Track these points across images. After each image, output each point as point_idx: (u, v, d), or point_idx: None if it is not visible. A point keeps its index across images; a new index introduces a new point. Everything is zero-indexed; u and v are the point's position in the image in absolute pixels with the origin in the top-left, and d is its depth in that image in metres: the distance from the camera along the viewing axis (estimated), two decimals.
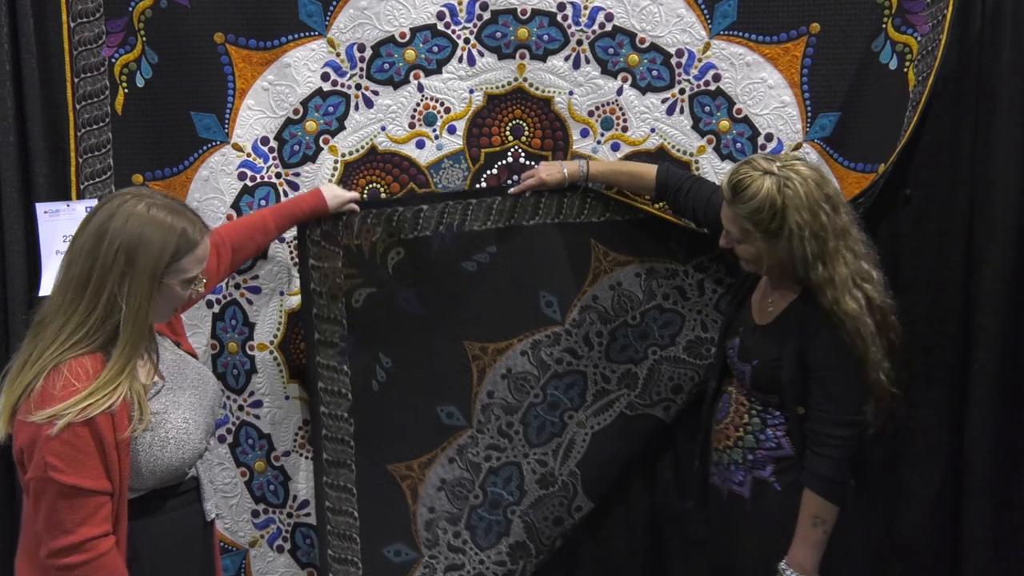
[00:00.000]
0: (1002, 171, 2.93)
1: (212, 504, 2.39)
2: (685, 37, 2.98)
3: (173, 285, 2.16)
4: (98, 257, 2.09)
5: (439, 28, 2.96)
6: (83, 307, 2.09)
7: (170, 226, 2.13)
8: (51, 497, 2.04)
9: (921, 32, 2.92)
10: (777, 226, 2.40)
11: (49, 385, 2.04)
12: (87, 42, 2.90)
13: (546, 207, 3.00)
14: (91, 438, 2.04)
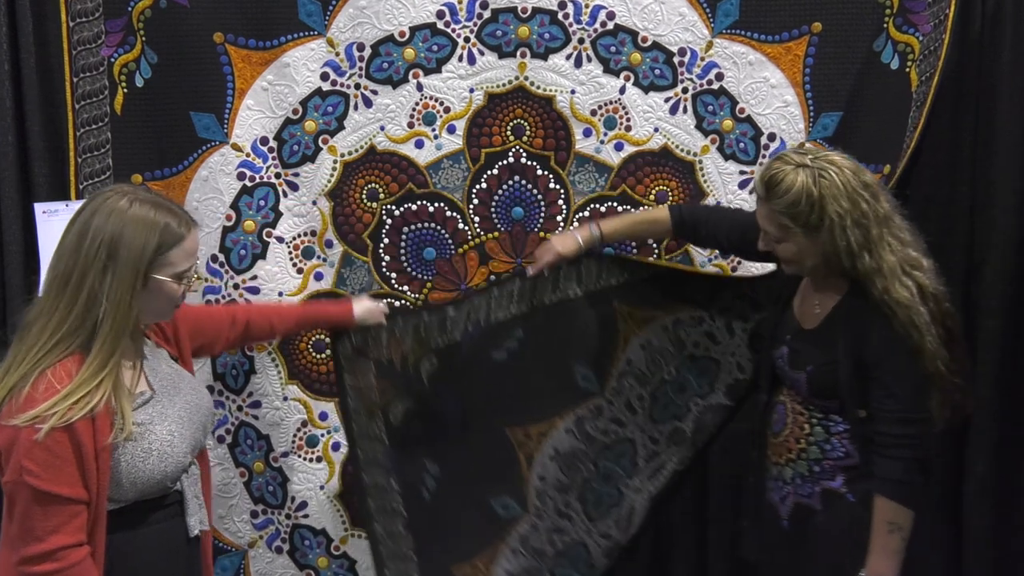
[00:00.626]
0: (1002, 171, 2.95)
1: (197, 519, 2.33)
2: (687, 36, 2.99)
3: (164, 280, 2.15)
4: (80, 254, 2.09)
5: (439, 27, 2.97)
6: (64, 304, 2.09)
7: (152, 220, 2.13)
8: (24, 502, 2.02)
9: (923, 32, 2.94)
10: (817, 218, 2.37)
11: (32, 389, 2.03)
12: (86, 42, 2.91)
13: (565, 279, 2.99)
14: (69, 444, 2.01)
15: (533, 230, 3.08)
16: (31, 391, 2.03)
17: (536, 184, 3.07)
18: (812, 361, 2.50)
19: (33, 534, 2.02)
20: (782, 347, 2.62)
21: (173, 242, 2.15)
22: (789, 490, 2.60)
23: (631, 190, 3.07)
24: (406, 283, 3.09)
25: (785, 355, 2.60)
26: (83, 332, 2.08)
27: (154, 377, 2.27)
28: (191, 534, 2.32)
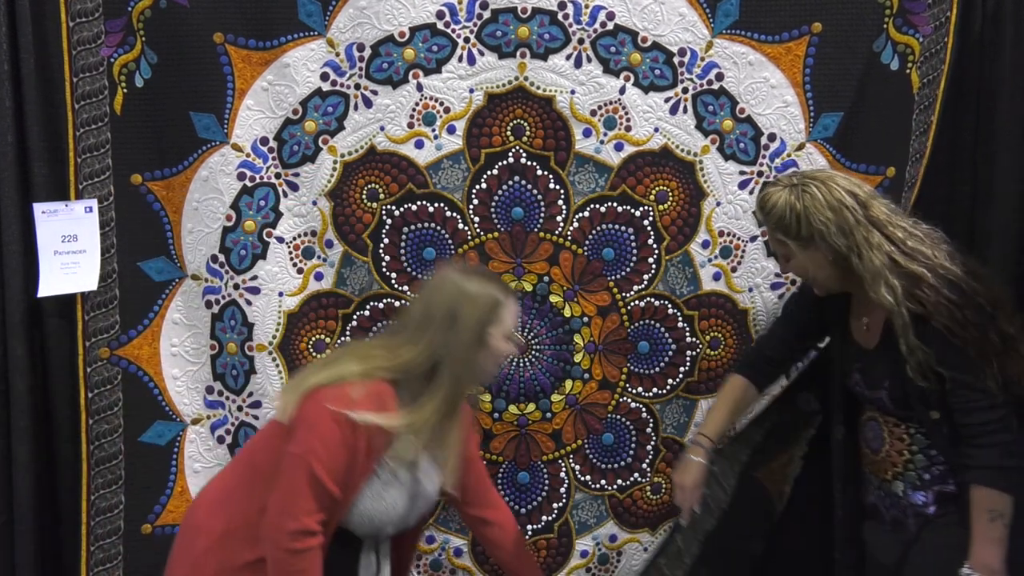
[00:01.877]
0: (1002, 171, 3.01)
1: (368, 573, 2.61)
2: (687, 36, 3.04)
3: (496, 338, 2.50)
4: (430, 311, 2.49)
5: (439, 27, 3.01)
6: (410, 345, 2.48)
7: (487, 285, 2.54)
8: (298, 479, 2.34)
9: (923, 34, 3.00)
10: (806, 231, 2.50)
11: (353, 389, 2.39)
12: (86, 42, 2.95)
13: (712, 498, 3.03)
14: (356, 446, 2.36)
15: (533, 230, 3.12)
16: (353, 390, 2.39)
17: (536, 184, 3.11)
18: (886, 377, 2.55)
19: (292, 510, 2.33)
20: (855, 374, 2.67)
21: (504, 305, 2.52)
22: (905, 503, 2.62)
23: (631, 190, 3.11)
24: (406, 283, 3.13)
25: (860, 380, 2.66)
26: (414, 373, 2.46)
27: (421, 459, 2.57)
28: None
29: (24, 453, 3.05)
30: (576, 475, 3.23)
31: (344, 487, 2.37)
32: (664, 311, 3.19)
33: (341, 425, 2.34)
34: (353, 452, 2.36)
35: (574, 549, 3.27)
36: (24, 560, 3.07)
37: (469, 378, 2.55)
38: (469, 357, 2.47)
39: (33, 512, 3.07)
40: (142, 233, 3.10)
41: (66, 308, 3.07)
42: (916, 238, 2.49)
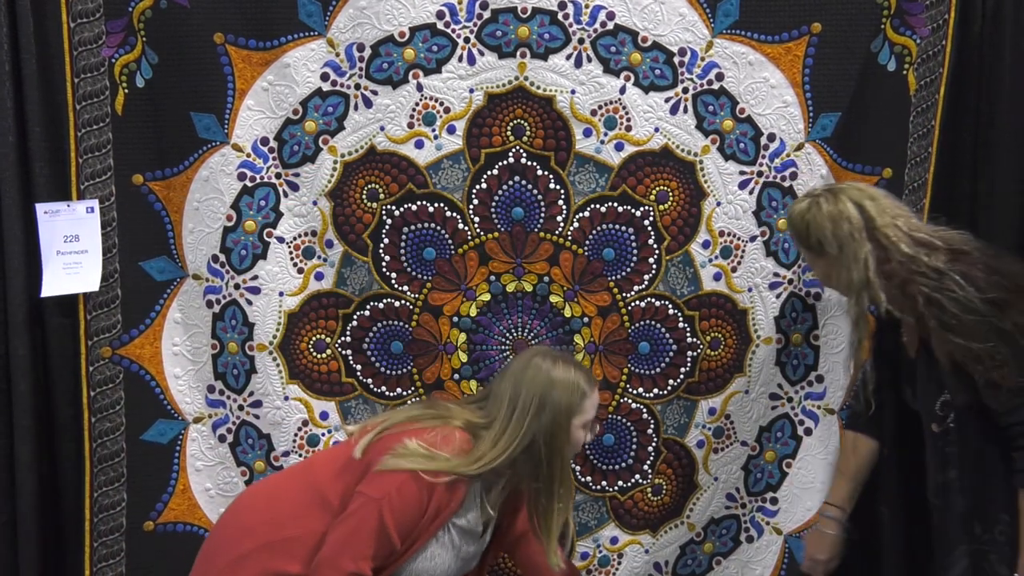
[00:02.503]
0: (1003, 171, 3.03)
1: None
2: (687, 36, 3.06)
3: (578, 426, 2.60)
4: (519, 396, 2.58)
5: (439, 27, 3.03)
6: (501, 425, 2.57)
7: (575, 375, 2.63)
8: (367, 521, 2.40)
9: (920, 35, 3.02)
10: (814, 240, 2.63)
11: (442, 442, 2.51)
12: (87, 42, 2.98)
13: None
14: (428, 501, 2.44)
15: (533, 230, 3.14)
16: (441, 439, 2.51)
17: (536, 184, 3.13)
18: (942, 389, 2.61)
19: (353, 551, 2.39)
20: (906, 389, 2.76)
21: (588, 396, 2.62)
22: None
23: (631, 190, 3.13)
24: (406, 283, 3.15)
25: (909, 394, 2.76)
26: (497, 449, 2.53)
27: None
28: None
29: (26, 452, 3.07)
30: (576, 476, 3.24)
31: (406, 542, 2.45)
32: (665, 311, 3.20)
33: (419, 481, 2.42)
34: (423, 510, 2.44)
35: (574, 551, 3.28)
36: (27, 557, 3.11)
37: (548, 463, 2.58)
38: (549, 445, 2.55)
39: (36, 510, 3.10)
40: (143, 233, 3.12)
41: (68, 308, 3.09)
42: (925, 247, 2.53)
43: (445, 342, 3.18)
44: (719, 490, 3.30)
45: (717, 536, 3.33)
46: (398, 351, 3.19)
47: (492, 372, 3.18)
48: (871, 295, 2.57)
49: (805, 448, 3.28)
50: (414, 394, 3.20)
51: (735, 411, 3.26)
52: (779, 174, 3.13)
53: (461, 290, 3.16)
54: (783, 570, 3.33)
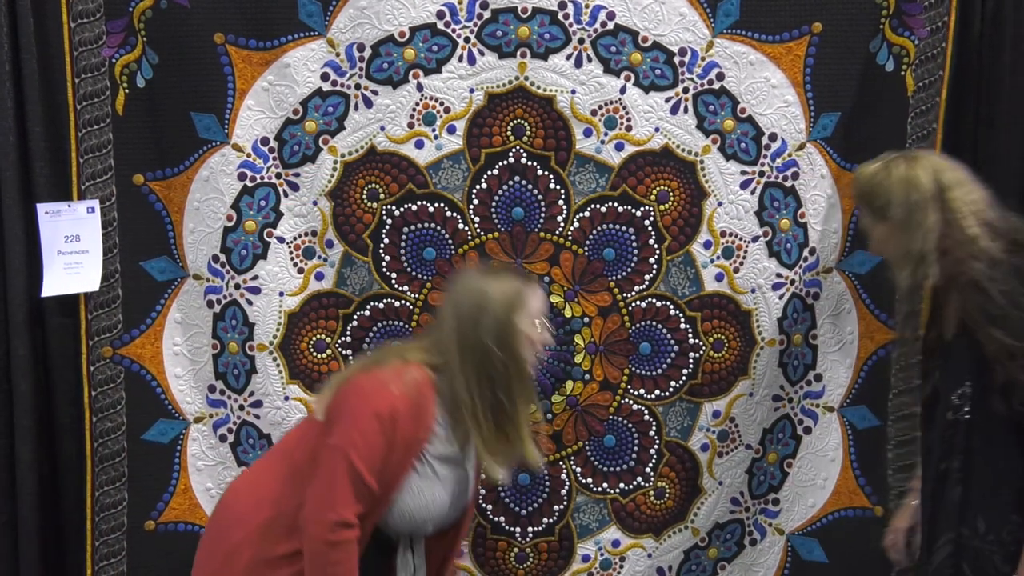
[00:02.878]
0: (1003, 172, 3.02)
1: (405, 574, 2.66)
2: (688, 36, 3.07)
3: (525, 326, 2.55)
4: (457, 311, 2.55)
5: (439, 27, 3.05)
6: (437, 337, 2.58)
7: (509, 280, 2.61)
8: (337, 471, 2.37)
9: (919, 36, 3.04)
10: (880, 203, 2.53)
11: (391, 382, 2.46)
12: (87, 42, 3.01)
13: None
14: (391, 432, 2.39)
15: (533, 230, 3.16)
16: (391, 383, 2.45)
17: (536, 184, 3.14)
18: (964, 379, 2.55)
19: (331, 501, 2.37)
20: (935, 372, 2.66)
21: (527, 291, 2.58)
22: None
23: (632, 190, 3.14)
24: (406, 283, 3.17)
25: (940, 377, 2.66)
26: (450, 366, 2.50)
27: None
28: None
29: (27, 452, 3.09)
30: (577, 477, 3.26)
31: (382, 482, 2.41)
32: (666, 312, 3.21)
33: (380, 418, 2.39)
34: (391, 445, 2.40)
35: (575, 553, 3.29)
36: (29, 556, 3.13)
37: (504, 367, 2.53)
38: (500, 348, 2.50)
39: (37, 510, 3.12)
40: (144, 233, 3.14)
41: (69, 308, 3.11)
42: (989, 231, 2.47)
43: None
44: (724, 494, 3.30)
45: (721, 541, 3.33)
46: None
47: None
48: (924, 268, 2.48)
49: (805, 447, 3.29)
50: None
51: (740, 414, 3.26)
52: (781, 174, 3.13)
53: None
54: (786, 570, 3.33)
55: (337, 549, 2.37)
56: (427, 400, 2.48)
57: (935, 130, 3.10)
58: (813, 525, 3.30)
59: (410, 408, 2.43)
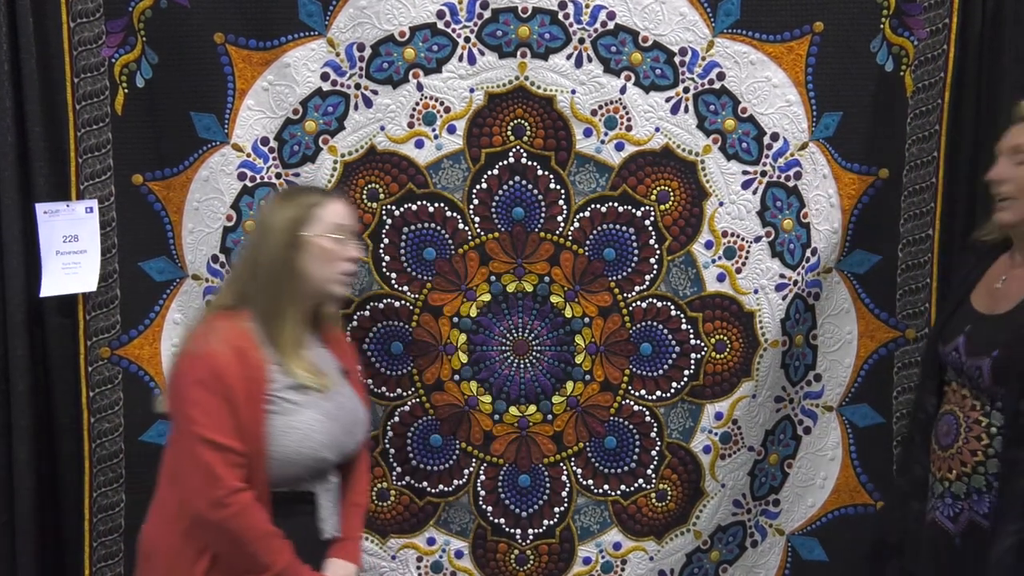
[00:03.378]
0: None
1: (332, 524, 2.58)
2: (688, 35, 3.08)
3: (315, 236, 2.51)
4: (248, 238, 2.68)
5: (439, 27, 3.07)
6: (236, 275, 2.59)
7: (295, 193, 2.65)
8: (197, 450, 2.32)
9: (918, 37, 3.06)
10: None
11: (204, 340, 2.42)
12: (87, 42, 3.03)
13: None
14: (222, 388, 2.34)
15: (533, 230, 3.17)
16: (204, 342, 2.41)
17: (536, 184, 3.15)
18: (998, 344, 2.45)
19: (206, 481, 2.33)
20: (958, 337, 2.58)
21: (317, 205, 2.54)
22: (963, 506, 2.54)
23: (632, 190, 3.15)
24: (406, 283, 3.18)
25: (962, 344, 2.56)
26: (249, 295, 2.48)
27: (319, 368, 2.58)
28: (323, 536, 2.57)
29: (25, 452, 3.11)
30: (578, 479, 3.27)
31: (244, 438, 2.35)
32: (667, 312, 3.22)
33: (205, 383, 2.34)
34: (230, 400, 2.34)
35: (576, 555, 3.30)
36: (26, 558, 3.14)
37: (300, 284, 2.52)
38: (287, 262, 2.48)
39: (35, 511, 3.14)
40: (143, 233, 3.16)
41: (67, 308, 3.14)
42: None
43: (445, 343, 3.21)
44: (726, 497, 3.31)
45: (724, 544, 3.33)
46: (398, 352, 3.21)
47: (493, 373, 3.21)
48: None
49: (804, 447, 3.31)
50: (414, 395, 3.22)
51: (742, 416, 3.26)
52: (783, 173, 3.15)
53: (461, 290, 3.18)
54: (787, 570, 3.34)
55: (239, 517, 2.34)
56: (244, 340, 2.42)
57: (937, 132, 3.12)
58: (813, 524, 3.31)
59: (230, 358, 2.37)
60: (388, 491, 3.28)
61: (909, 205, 3.14)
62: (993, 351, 2.45)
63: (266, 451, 2.39)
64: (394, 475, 3.26)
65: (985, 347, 2.48)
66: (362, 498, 2.78)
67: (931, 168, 3.14)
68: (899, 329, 3.23)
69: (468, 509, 3.28)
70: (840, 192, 3.14)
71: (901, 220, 3.17)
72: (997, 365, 2.44)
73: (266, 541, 2.38)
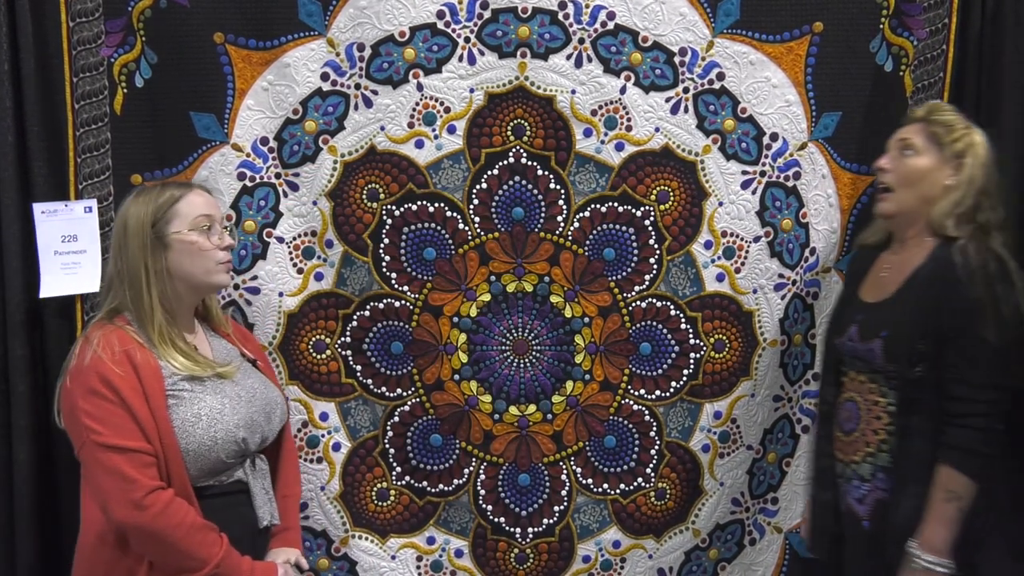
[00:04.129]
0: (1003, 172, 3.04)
1: (267, 511, 2.59)
2: (688, 36, 3.11)
3: (177, 232, 2.50)
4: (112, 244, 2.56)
5: (439, 27, 3.08)
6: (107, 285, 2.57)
7: (149, 192, 2.57)
8: (102, 461, 2.34)
9: (918, 37, 3.10)
10: (963, 148, 2.62)
11: (82, 356, 2.41)
12: (86, 42, 3.04)
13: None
14: (113, 393, 2.34)
15: (533, 230, 3.19)
16: (83, 357, 2.40)
17: (536, 184, 3.18)
18: (887, 326, 2.62)
19: (121, 488, 2.33)
20: (851, 327, 2.74)
21: (175, 200, 2.53)
22: (868, 488, 2.70)
23: (632, 190, 3.18)
24: (406, 283, 3.20)
25: (855, 332, 2.72)
26: (124, 300, 2.50)
27: (215, 357, 2.61)
28: (260, 524, 2.57)
29: (24, 452, 3.11)
30: (577, 478, 3.30)
31: (148, 436, 2.35)
32: (667, 312, 3.25)
33: (96, 391, 2.35)
34: (126, 403, 2.35)
35: (576, 554, 3.33)
36: (25, 560, 3.14)
37: (169, 282, 2.53)
38: (149, 263, 2.49)
39: (34, 511, 3.14)
40: None
41: (66, 308, 3.13)
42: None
43: (445, 342, 3.23)
44: (725, 495, 3.35)
45: (722, 542, 3.36)
46: (398, 351, 3.23)
47: (493, 372, 3.24)
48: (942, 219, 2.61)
49: (803, 445, 3.34)
50: (414, 395, 3.25)
51: (741, 415, 3.30)
52: (782, 174, 3.18)
53: (461, 290, 3.21)
54: (784, 568, 3.37)
55: (163, 516, 2.33)
56: (125, 343, 2.42)
57: None
58: None
59: (115, 362, 2.37)
60: (388, 491, 3.29)
61: None
62: (883, 332, 2.62)
63: (177, 445, 2.39)
64: (394, 475, 3.28)
65: (876, 330, 2.65)
66: (293, 488, 2.84)
67: None
68: None
69: (468, 508, 3.31)
70: (839, 192, 3.18)
71: None
72: (888, 344, 2.60)
73: (196, 535, 2.37)
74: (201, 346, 2.62)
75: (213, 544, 2.40)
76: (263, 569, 2.53)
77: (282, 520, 2.72)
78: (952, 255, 2.54)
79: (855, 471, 2.72)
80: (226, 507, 2.50)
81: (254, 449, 2.59)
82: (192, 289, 2.58)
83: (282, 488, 2.79)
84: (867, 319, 2.70)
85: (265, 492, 2.62)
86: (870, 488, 2.69)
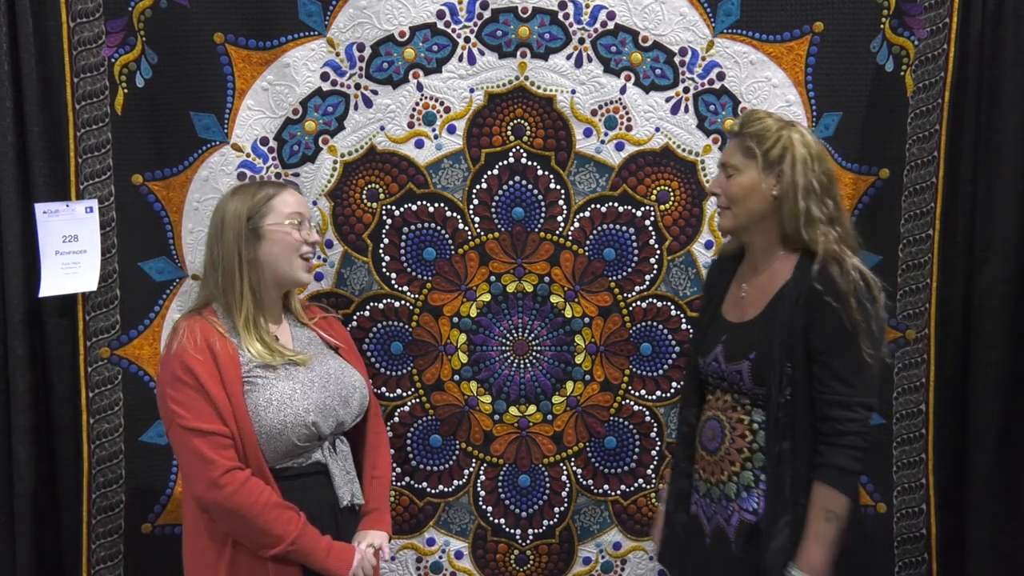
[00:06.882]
0: (1003, 172, 3.11)
1: (348, 491, 2.69)
2: (688, 35, 3.15)
3: (271, 225, 2.63)
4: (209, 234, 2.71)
5: (439, 27, 3.12)
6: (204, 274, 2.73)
7: (246, 188, 2.71)
8: (187, 442, 2.48)
9: (918, 37, 3.12)
10: (778, 153, 2.56)
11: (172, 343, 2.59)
12: (86, 42, 3.07)
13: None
14: (195, 379, 2.49)
15: (533, 230, 3.23)
16: (172, 344, 2.57)
17: (536, 184, 3.21)
18: (754, 347, 2.58)
19: (202, 468, 2.47)
20: (716, 348, 2.70)
21: (271, 196, 2.66)
22: (734, 507, 2.64)
23: (632, 190, 3.21)
24: (406, 283, 3.24)
25: (720, 353, 2.68)
26: (218, 288, 2.64)
27: (296, 346, 2.73)
28: (341, 504, 2.69)
29: (25, 452, 3.15)
30: (578, 479, 3.33)
31: (226, 421, 2.50)
32: (667, 312, 3.28)
33: (179, 379, 2.50)
34: (206, 389, 2.49)
35: (576, 555, 3.36)
36: (25, 559, 3.18)
37: (259, 272, 2.65)
38: (244, 253, 2.62)
39: (34, 511, 3.18)
40: (143, 233, 3.20)
41: (67, 308, 3.18)
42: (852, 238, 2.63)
43: (445, 343, 3.27)
44: None
45: None
46: (398, 352, 3.27)
47: (493, 373, 3.28)
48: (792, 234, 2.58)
49: None
50: (414, 395, 3.28)
51: None
52: None
53: (461, 290, 3.25)
54: None
55: (239, 494, 2.46)
56: (207, 333, 2.57)
57: (937, 131, 3.17)
58: None
59: (196, 351, 2.52)
60: None
61: (909, 205, 3.20)
62: (750, 354, 2.59)
63: (252, 428, 2.51)
64: (394, 475, 3.29)
65: (741, 352, 2.62)
66: (382, 471, 2.90)
67: (931, 168, 3.19)
68: (899, 330, 3.27)
69: (468, 509, 3.34)
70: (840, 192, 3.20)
71: (901, 220, 3.22)
72: (755, 367, 2.58)
73: (271, 512, 2.49)
74: (283, 336, 2.73)
75: (289, 522, 2.51)
76: (340, 549, 2.61)
77: (371, 502, 2.82)
78: (817, 275, 2.49)
79: (722, 491, 2.68)
80: (304, 488, 2.61)
81: (328, 433, 2.66)
82: (277, 282, 2.69)
83: (369, 470, 2.87)
84: (732, 340, 2.66)
85: (346, 473, 2.72)
86: (734, 508, 2.63)
